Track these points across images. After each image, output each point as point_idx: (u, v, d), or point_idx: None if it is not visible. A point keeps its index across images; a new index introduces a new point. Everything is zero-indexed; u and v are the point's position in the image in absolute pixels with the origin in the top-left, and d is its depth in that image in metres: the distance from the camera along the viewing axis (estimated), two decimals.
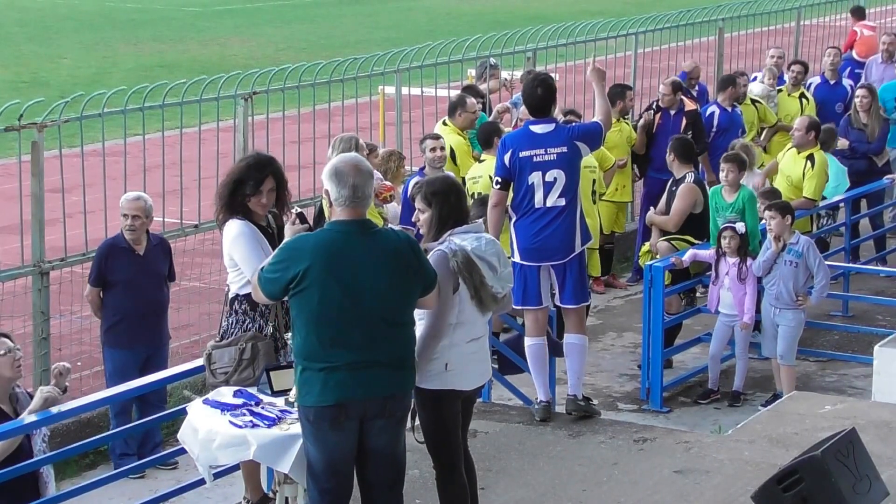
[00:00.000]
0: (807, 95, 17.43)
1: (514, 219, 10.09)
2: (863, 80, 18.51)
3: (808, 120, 14.64)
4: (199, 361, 8.46)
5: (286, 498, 7.65)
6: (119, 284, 11.03)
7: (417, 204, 7.84)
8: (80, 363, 12.03)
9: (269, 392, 7.74)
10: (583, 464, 9.38)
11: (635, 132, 15.57)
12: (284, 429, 7.27)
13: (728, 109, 16.07)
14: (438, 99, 16.46)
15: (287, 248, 7.14)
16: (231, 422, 7.34)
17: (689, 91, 16.62)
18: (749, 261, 12.16)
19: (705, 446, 9.69)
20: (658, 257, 12.82)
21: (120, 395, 9.33)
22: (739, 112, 16.20)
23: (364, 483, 7.23)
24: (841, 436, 8.04)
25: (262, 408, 7.54)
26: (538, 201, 9.93)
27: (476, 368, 7.75)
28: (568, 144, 9.95)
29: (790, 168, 14.36)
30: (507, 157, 9.99)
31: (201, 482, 8.11)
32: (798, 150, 14.35)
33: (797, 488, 7.76)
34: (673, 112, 15.55)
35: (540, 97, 10.08)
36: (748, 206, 12.59)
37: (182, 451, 8.10)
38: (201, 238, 13.21)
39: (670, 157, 13.29)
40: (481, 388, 8.03)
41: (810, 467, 7.79)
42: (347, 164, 7.15)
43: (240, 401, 7.61)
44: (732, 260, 12.20)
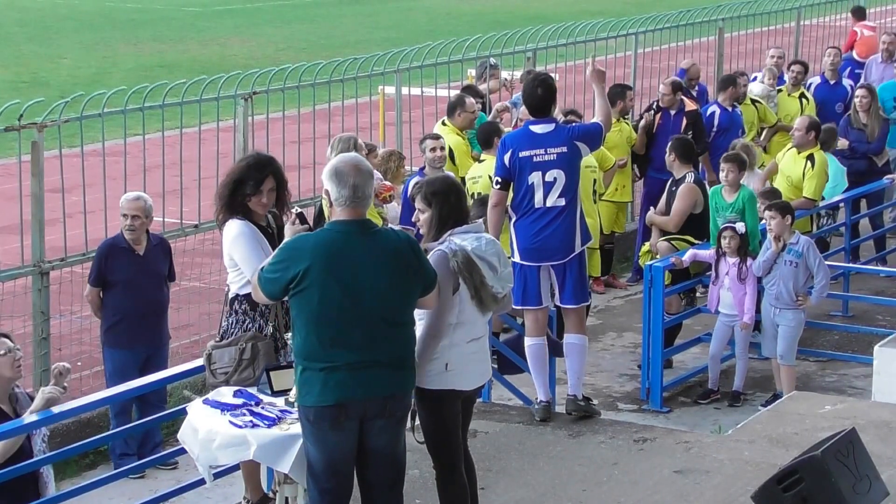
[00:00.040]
0: (807, 95, 17.42)
1: (513, 219, 10.09)
2: (863, 80, 18.51)
3: (808, 120, 14.63)
4: (199, 361, 8.46)
5: (286, 498, 7.65)
6: (119, 284, 11.03)
7: (417, 204, 7.84)
8: (80, 363, 12.02)
9: (269, 392, 7.74)
10: (583, 464, 9.38)
11: (635, 132, 15.57)
12: (284, 429, 7.27)
13: (728, 109, 16.06)
14: (438, 99, 16.44)
15: (287, 248, 7.14)
16: (231, 422, 7.34)
17: (689, 91, 16.61)
18: (749, 261, 12.15)
19: (705, 446, 9.69)
20: (658, 257, 12.81)
21: (120, 395, 9.32)
22: (739, 112, 16.20)
23: (364, 483, 7.24)
24: (841, 436, 8.04)
25: (262, 408, 7.53)
26: (538, 201, 9.92)
27: (476, 368, 7.75)
28: (568, 144, 9.95)
29: (790, 168, 14.35)
30: (506, 157, 9.99)
31: (201, 482, 8.11)
32: (798, 150, 14.34)
33: (797, 488, 7.76)
34: (673, 112, 15.53)
35: (540, 97, 10.08)
36: (748, 206, 12.59)
37: (182, 451, 8.10)
38: (201, 238, 13.21)
39: (671, 157, 13.27)
40: (481, 388, 8.03)
41: (810, 467, 7.78)
42: (348, 164, 7.15)
43: (240, 401, 7.61)
44: (732, 260, 12.20)
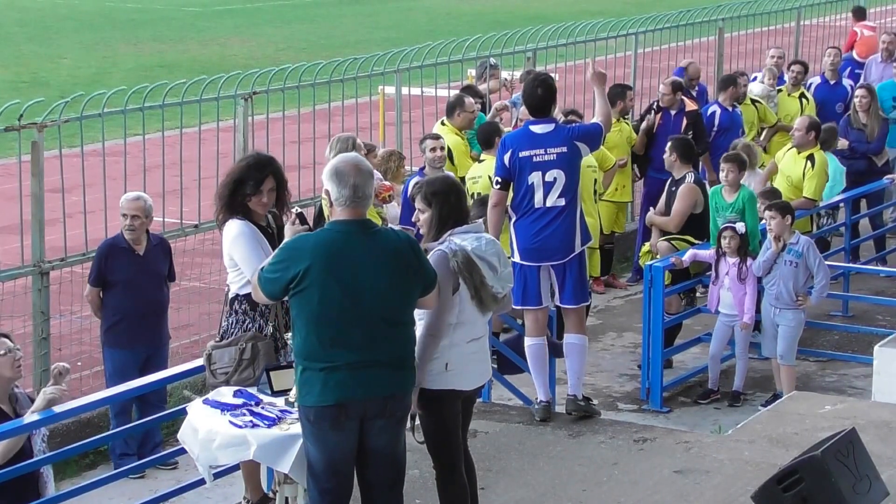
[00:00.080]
0: (807, 95, 17.42)
1: (513, 219, 10.09)
2: (862, 80, 18.52)
3: (808, 120, 14.63)
4: (199, 361, 8.46)
5: (286, 498, 7.65)
6: (119, 284, 11.03)
7: (417, 204, 7.84)
8: (80, 363, 12.03)
9: (269, 392, 7.74)
10: (583, 464, 9.38)
11: (635, 133, 15.56)
12: (284, 429, 7.27)
13: (729, 109, 16.06)
14: (438, 99, 16.44)
15: (287, 248, 7.14)
16: (231, 422, 7.34)
17: (689, 91, 16.61)
18: (749, 261, 12.15)
19: (705, 446, 9.69)
20: (658, 257, 12.81)
21: (120, 395, 9.32)
22: (740, 112, 16.20)
23: (364, 483, 7.23)
24: (841, 436, 8.04)
25: (262, 408, 7.53)
26: (538, 201, 9.92)
27: (476, 368, 7.75)
28: (568, 144, 9.95)
29: (790, 168, 14.34)
30: (506, 157, 9.99)
31: (201, 482, 8.11)
32: (798, 151, 14.34)
33: (797, 488, 7.76)
34: (673, 112, 15.52)
35: (540, 97, 10.08)
36: (748, 206, 12.58)
37: (182, 451, 8.10)
38: (201, 238, 13.21)
39: (672, 157, 13.23)
40: (481, 388, 8.03)
41: (810, 467, 7.78)
42: (348, 163, 7.15)
43: (240, 401, 7.61)
44: (732, 260, 12.19)
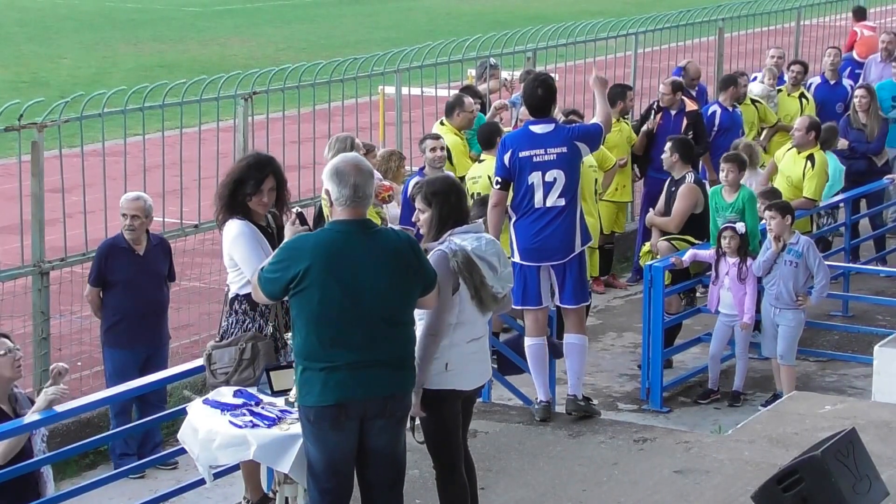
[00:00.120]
0: (807, 95, 17.42)
1: (513, 219, 10.09)
2: (862, 79, 18.51)
3: (808, 120, 14.62)
4: (199, 361, 8.45)
5: (286, 498, 7.65)
6: (119, 284, 11.03)
7: (417, 204, 7.84)
8: (80, 363, 12.03)
9: (269, 392, 7.74)
10: (583, 464, 9.38)
11: (635, 133, 15.56)
12: (284, 429, 7.26)
13: (729, 109, 16.06)
14: (438, 99, 16.43)
15: (287, 248, 7.14)
16: (231, 422, 7.34)
17: (689, 91, 16.61)
18: (749, 261, 12.15)
19: (705, 446, 9.69)
20: (658, 257, 12.81)
21: (120, 395, 9.32)
22: (740, 112, 16.20)
23: (364, 483, 7.23)
24: (841, 436, 8.04)
25: (262, 408, 7.53)
26: (538, 201, 9.93)
27: (476, 368, 7.75)
28: (568, 145, 9.96)
29: (790, 168, 14.34)
30: (506, 157, 9.99)
31: (201, 482, 8.11)
32: (798, 150, 14.33)
33: (797, 488, 7.76)
34: (674, 112, 15.52)
35: (540, 97, 10.09)
36: (748, 206, 12.58)
37: (182, 451, 8.10)
38: (201, 238, 13.21)
39: (673, 158, 13.20)
40: (481, 388, 8.04)
41: (810, 467, 7.78)
42: (348, 163, 7.15)
43: (240, 401, 7.61)
44: (732, 260, 12.19)
